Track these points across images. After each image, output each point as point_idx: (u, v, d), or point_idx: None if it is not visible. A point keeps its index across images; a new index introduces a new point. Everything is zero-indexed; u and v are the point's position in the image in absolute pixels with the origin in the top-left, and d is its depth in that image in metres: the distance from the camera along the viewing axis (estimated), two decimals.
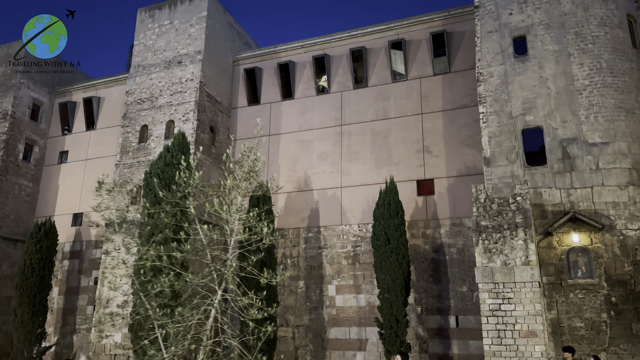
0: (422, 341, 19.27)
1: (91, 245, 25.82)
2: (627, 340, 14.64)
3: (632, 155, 15.76)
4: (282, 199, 22.87)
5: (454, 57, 21.82)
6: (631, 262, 15.02)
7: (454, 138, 20.81)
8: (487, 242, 14.23)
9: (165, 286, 4.39)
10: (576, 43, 16.89)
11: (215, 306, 4.47)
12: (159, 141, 23.27)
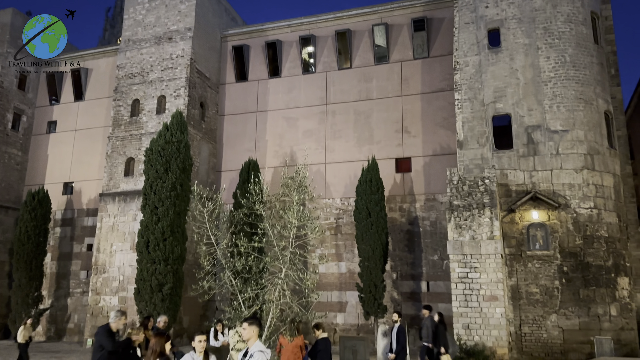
0: (396, 304, 21.36)
1: (83, 213, 26.88)
2: (574, 304, 16.90)
3: (588, 142, 17.72)
4: (269, 173, 24.29)
5: (433, 42, 23.25)
6: (582, 237, 17.16)
7: (430, 120, 22.46)
8: (459, 219, 16.11)
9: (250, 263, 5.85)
10: (544, 37, 18.52)
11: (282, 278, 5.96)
12: (151, 115, 24.22)
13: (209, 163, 25.31)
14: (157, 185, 17.88)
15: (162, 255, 17.30)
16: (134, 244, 22.56)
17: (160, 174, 17.98)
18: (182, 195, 18.59)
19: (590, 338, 16.26)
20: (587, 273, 16.92)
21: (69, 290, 26.13)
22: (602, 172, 17.72)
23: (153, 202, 17.81)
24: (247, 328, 4.82)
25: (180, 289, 18.17)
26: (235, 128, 25.95)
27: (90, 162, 27.05)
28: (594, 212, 17.24)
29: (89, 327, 22.58)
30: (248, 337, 4.76)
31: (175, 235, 17.85)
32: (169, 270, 17.48)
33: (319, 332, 8.54)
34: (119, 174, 24.00)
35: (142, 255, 17.69)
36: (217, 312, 24.37)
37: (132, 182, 23.64)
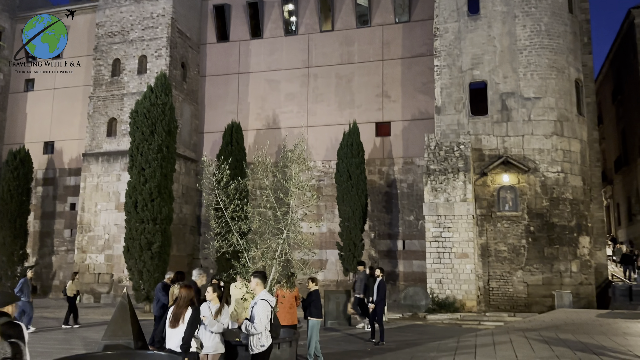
0: (374, 261, 22.47)
1: (65, 172, 27.01)
2: (539, 261, 18.20)
3: (558, 109, 18.62)
4: (251, 135, 24.73)
5: (414, 6, 23.54)
6: (548, 199, 18.30)
7: (410, 85, 23.03)
8: (435, 182, 17.00)
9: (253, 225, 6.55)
10: (522, 6, 19.05)
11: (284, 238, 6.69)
12: (132, 75, 24.17)
13: (191, 124, 25.55)
14: (144, 147, 18.24)
15: (151, 215, 17.86)
16: (118, 203, 23.00)
17: (146, 136, 18.30)
18: (168, 157, 19.01)
19: (552, 292, 17.64)
20: (552, 233, 18.15)
21: (53, 248, 26.57)
22: (570, 138, 18.72)
23: (140, 164, 18.20)
24: (252, 280, 5.58)
25: (168, 247, 18.85)
26: (217, 89, 26.09)
27: (71, 122, 26.97)
28: (560, 175, 18.32)
29: None
30: (253, 287, 5.52)
31: (162, 196, 18.37)
32: (158, 230, 18.08)
33: (312, 285, 9.44)
34: (101, 134, 24.11)
35: (130, 215, 18.21)
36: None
37: (115, 142, 23.83)
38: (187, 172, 24.81)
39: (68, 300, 15.22)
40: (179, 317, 5.09)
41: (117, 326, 7.23)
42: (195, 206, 25.63)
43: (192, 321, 5.06)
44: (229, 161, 8.00)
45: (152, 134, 18.38)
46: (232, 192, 7.10)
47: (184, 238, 24.35)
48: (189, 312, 5.11)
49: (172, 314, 5.20)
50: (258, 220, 7.20)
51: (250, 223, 7.11)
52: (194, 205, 25.48)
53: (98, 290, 23.05)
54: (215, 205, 7.38)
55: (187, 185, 24.88)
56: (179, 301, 5.21)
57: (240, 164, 22.50)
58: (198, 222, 25.67)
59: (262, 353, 5.33)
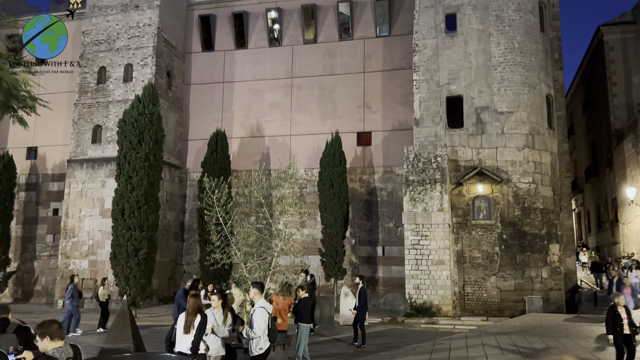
0: (354, 267, 23.21)
1: (48, 178, 27.13)
2: (511, 268, 19.12)
3: (530, 123, 19.63)
4: (235, 143, 25.27)
5: (394, 21, 24.42)
6: (520, 208, 19.26)
7: (390, 96, 23.87)
8: (413, 192, 17.82)
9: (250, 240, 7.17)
10: (496, 24, 20.04)
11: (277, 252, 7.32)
12: (118, 83, 24.51)
13: (175, 132, 25.96)
14: (131, 156, 18.65)
15: (138, 222, 18.26)
16: (103, 209, 23.28)
17: (134, 145, 18.72)
18: (155, 166, 19.44)
19: (523, 297, 18.56)
20: (524, 240, 19.10)
21: (36, 253, 26.64)
22: (541, 150, 19.74)
23: (127, 172, 18.60)
24: (252, 290, 6.24)
25: (154, 253, 19.26)
26: (201, 98, 26.56)
27: (55, 128, 27.09)
28: (532, 186, 19.31)
29: (58, 290, 23.39)
30: (252, 296, 6.18)
31: (149, 203, 18.79)
32: (144, 237, 18.49)
33: (302, 293, 10.15)
34: (86, 140, 24.36)
35: (117, 222, 18.58)
36: (184, 275, 25.60)
37: (100, 149, 24.10)
38: (171, 179, 25.20)
39: (101, 305, 16.01)
40: (190, 324, 5.69)
41: (118, 332, 7.74)
42: (179, 212, 26.01)
43: (201, 327, 5.66)
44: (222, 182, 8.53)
45: (139, 143, 18.81)
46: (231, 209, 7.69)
47: (168, 244, 24.71)
48: (198, 319, 5.71)
49: (184, 321, 5.78)
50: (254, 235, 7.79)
51: (248, 237, 7.72)
52: (177, 212, 25.86)
53: None
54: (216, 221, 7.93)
55: (171, 192, 25.27)
56: (189, 309, 5.81)
57: (225, 171, 23.18)
58: (181, 228, 26.05)
59: (260, 355, 5.98)
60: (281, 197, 8.15)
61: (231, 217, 7.78)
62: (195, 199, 25.08)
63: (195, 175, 25.59)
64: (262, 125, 25.18)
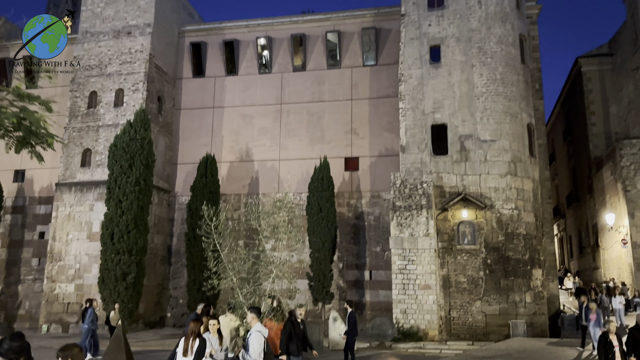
0: (342, 291, 23.39)
1: (35, 201, 27.06)
2: (496, 292, 19.49)
3: (512, 151, 20.27)
4: (225, 167, 25.56)
5: (381, 51, 25.19)
6: (504, 234, 19.74)
7: (377, 123, 24.47)
8: (400, 218, 18.21)
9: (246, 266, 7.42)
10: (479, 56, 20.82)
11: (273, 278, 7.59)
12: (109, 108, 24.77)
13: (165, 156, 26.18)
14: (122, 180, 18.83)
15: (127, 247, 18.35)
16: (90, 233, 23.27)
17: (124, 169, 18.93)
18: (145, 190, 19.62)
19: (508, 321, 18.89)
20: (507, 265, 19.53)
21: (20, 277, 26.38)
22: (523, 177, 20.35)
23: (117, 196, 18.75)
24: (249, 314, 6.50)
25: (142, 278, 19.29)
26: (191, 122, 26.91)
27: (43, 150, 27.07)
28: (514, 212, 19.84)
29: (43, 314, 23.18)
30: (250, 320, 6.43)
31: (138, 227, 18.91)
32: (133, 261, 18.56)
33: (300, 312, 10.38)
34: (75, 164, 24.46)
35: (106, 246, 18.64)
36: (170, 300, 25.54)
37: (89, 172, 24.20)
38: (159, 203, 25.32)
39: (110, 330, 16.06)
40: (188, 347, 5.92)
41: (112, 355, 7.89)
42: (167, 236, 26.04)
43: (200, 350, 5.89)
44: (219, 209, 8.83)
45: (130, 167, 19.02)
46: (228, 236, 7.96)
47: (155, 268, 24.66)
48: (197, 343, 5.94)
49: (183, 344, 6.00)
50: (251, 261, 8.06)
51: (244, 264, 7.98)
52: (165, 235, 25.89)
53: (67, 320, 23.03)
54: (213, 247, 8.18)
55: (160, 216, 25.34)
56: (188, 333, 6.05)
57: (215, 195, 23.42)
58: (169, 252, 26.05)
59: None
60: (276, 225, 8.44)
61: (228, 244, 8.03)
62: (183, 222, 25.18)
63: (184, 199, 25.76)
64: (251, 150, 25.55)
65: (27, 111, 6.72)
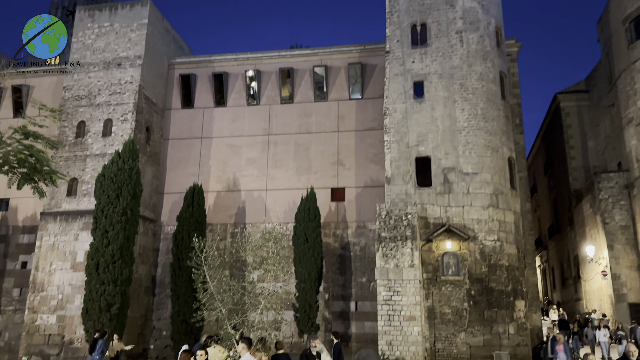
0: (327, 322, 23.37)
1: (19, 230, 26.80)
2: (480, 323, 19.67)
3: (494, 184, 20.78)
4: (212, 197, 25.71)
5: (366, 85, 25.89)
6: (487, 265, 20.05)
7: (363, 154, 24.96)
8: (385, 249, 18.47)
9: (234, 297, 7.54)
10: (460, 92, 21.53)
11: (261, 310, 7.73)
12: (97, 138, 24.94)
13: (151, 185, 26.26)
14: (109, 210, 18.88)
15: (112, 277, 18.27)
16: (75, 263, 23.08)
17: (111, 199, 19.00)
18: (132, 220, 19.67)
19: (492, 353, 19.01)
20: (491, 297, 19.77)
21: (0, 307, 25.90)
22: (505, 209, 20.82)
23: (104, 226, 18.76)
24: (240, 344, 6.67)
25: (126, 309, 19.13)
26: (179, 152, 27.13)
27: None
28: (497, 244, 20.22)
29: (24, 346, 22.74)
30: (240, 350, 6.59)
31: (124, 257, 18.87)
32: (118, 292, 18.45)
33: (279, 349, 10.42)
34: (61, 193, 24.42)
35: (91, 277, 18.53)
36: (154, 331, 25.22)
37: (75, 202, 24.17)
38: (145, 232, 25.26)
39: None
40: None
41: None
42: (151, 266, 25.90)
43: None
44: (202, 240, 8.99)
45: (117, 197, 19.11)
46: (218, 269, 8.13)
47: (138, 299, 24.42)
48: None
49: None
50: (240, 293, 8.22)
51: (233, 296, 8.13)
52: (149, 266, 25.74)
53: (47, 352, 22.60)
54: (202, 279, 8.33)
55: (145, 246, 25.25)
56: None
57: (201, 225, 23.47)
58: (153, 282, 25.85)
59: None
60: (265, 257, 8.64)
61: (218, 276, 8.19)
62: (168, 252, 25.12)
63: (170, 229, 25.74)
64: (238, 180, 25.79)
65: (34, 149, 6.97)
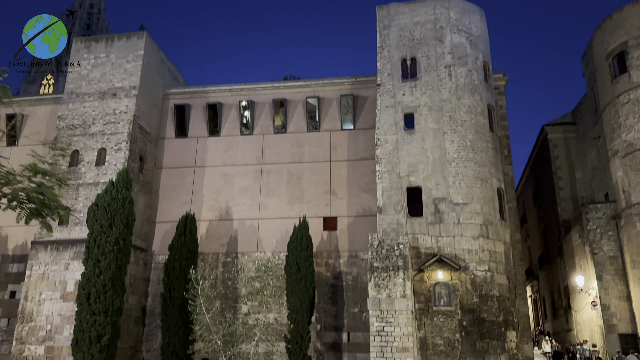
0: (319, 354, 23.18)
1: (8, 259, 26.57)
2: (472, 354, 19.65)
3: (484, 214, 21.07)
4: (204, 226, 25.74)
5: (358, 116, 26.37)
6: (478, 295, 20.16)
7: (355, 184, 25.23)
8: (378, 279, 18.56)
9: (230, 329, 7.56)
10: (450, 124, 22.02)
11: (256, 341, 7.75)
12: (90, 167, 25.04)
13: (144, 214, 26.27)
14: (101, 239, 18.86)
15: (103, 307, 18.13)
16: (64, 292, 22.87)
17: (104, 229, 19.01)
18: (124, 249, 19.64)
19: None
20: (483, 327, 19.82)
21: None
22: (495, 240, 21.06)
23: (96, 255, 18.72)
24: None
25: (117, 339, 18.93)
26: (172, 181, 27.26)
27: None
28: (488, 274, 20.38)
29: None
30: None
31: (116, 288, 18.77)
32: (108, 322, 18.27)
33: None
34: (52, 222, 24.32)
35: (82, 307, 18.38)
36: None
37: (67, 231, 24.09)
38: (136, 262, 25.13)
39: None
40: None
41: None
42: (142, 296, 25.67)
43: None
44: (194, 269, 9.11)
45: (110, 227, 19.12)
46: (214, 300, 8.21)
47: (128, 329, 24.11)
48: None
49: None
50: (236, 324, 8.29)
51: (228, 327, 8.19)
52: (140, 295, 25.51)
53: None
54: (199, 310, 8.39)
55: (135, 275, 25.08)
56: None
57: (193, 254, 23.42)
58: (143, 312, 25.58)
59: None
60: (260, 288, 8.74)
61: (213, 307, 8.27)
62: (159, 282, 24.94)
63: (161, 258, 25.64)
64: (231, 209, 25.89)
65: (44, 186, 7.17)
